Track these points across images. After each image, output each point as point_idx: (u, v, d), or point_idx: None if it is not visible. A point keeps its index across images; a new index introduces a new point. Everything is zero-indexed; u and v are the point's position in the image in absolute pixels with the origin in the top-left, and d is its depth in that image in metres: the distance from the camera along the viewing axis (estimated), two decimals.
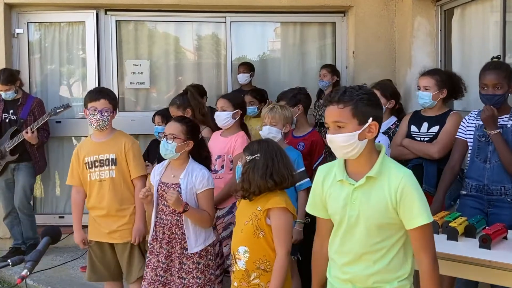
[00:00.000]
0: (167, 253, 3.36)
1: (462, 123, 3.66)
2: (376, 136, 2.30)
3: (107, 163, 3.74)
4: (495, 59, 3.55)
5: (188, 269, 3.33)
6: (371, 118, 2.23)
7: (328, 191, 2.40)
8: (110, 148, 3.75)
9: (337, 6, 6.21)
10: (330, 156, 5.42)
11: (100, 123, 3.68)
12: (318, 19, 6.44)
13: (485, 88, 3.42)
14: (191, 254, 3.34)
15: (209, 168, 3.52)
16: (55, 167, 6.17)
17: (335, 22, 6.39)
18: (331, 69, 5.89)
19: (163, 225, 3.38)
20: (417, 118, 4.07)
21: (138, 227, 3.75)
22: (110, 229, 3.76)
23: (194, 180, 3.35)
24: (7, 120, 5.48)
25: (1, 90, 5.38)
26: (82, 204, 3.85)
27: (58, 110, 5.34)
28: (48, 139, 5.70)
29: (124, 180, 3.77)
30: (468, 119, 3.62)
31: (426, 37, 5.60)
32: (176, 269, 3.35)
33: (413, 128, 4.04)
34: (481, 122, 3.47)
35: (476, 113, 3.58)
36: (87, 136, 6.04)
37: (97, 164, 3.75)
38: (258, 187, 2.94)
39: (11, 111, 5.47)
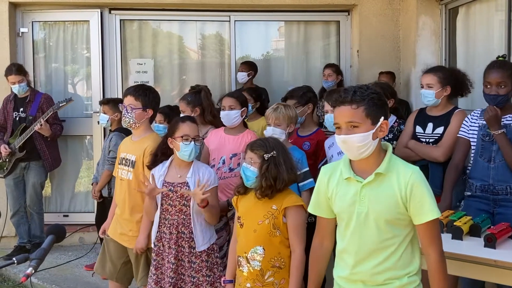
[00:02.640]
0: (175, 253, 3.36)
1: (464, 122, 3.64)
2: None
3: (128, 163, 3.67)
4: (501, 58, 3.54)
5: (197, 267, 3.35)
6: (382, 117, 2.26)
7: (334, 190, 2.40)
8: (135, 150, 3.66)
9: (341, 5, 6.20)
10: None
11: (125, 120, 3.64)
12: (322, 18, 6.43)
13: (488, 87, 3.41)
14: (199, 252, 3.35)
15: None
16: (61, 166, 6.15)
17: (339, 21, 6.38)
18: (336, 68, 5.87)
19: (169, 225, 3.38)
20: (422, 118, 4.04)
21: (138, 238, 3.60)
22: (122, 230, 3.72)
23: (202, 178, 3.35)
24: (17, 119, 5.52)
25: (15, 83, 5.41)
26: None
27: (61, 105, 5.39)
28: (62, 131, 5.69)
29: (138, 185, 3.55)
30: (471, 118, 3.60)
31: (430, 36, 5.58)
32: (186, 268, 3.36)
33: (418, 129, 4.01)
34: (484, 122, 3.45)
35: (479, 112, 3.57)
36: (92, 135, 6.14)
37: (124, 162, 3.71)
38: (284, 182, 2.95)
39: (21, 109, 5.51)
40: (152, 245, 3.47)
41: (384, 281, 2.32)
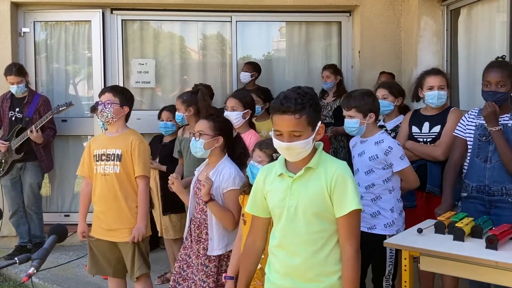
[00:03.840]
0: (196, 252, 3.38)
1: (461, 121, 3.63)
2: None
3: (112, 158, 3.75)
4: (500, 59, 3.55)
5: (210, 272, 3.31)
6: (319, 122, 2.35)
7: (268, 188, 2.47)
8: (118, 144, 3.76)
9: (342, 6, 6.20)
10: (335, 154, 5.43)
11: (104, 114, 3.72)
12: (323, 19, 6.43)
13: (487, 86, 3.41)
14: (214, 257, 3.31)
15: (243, 165, 3.46)
16: (61, 166, 6.19)
17: (340, 21, 6.39)
18: (333, 69, 5.85)
19: (195, 223, 3.41)
20: (418, 118, 4.04)
21: (138, 226, 3.72)
22: (110, 227, 3.76)
23: (221, 179, 3.33)
24: (13, 118, 5.50)
25: (14, 83, 5.40)
26: (90, 196, 3.87)
27: (60, 108, 5.35)
28: (54, 137, 5.71)
29: (128, 177, 3.76)
30: (468, 117, 3.59)
31: (432, 37, 5.58)
32: (198, 270, 3.33)
33: (414, 129, 4.02)
34: (481, 121, 3.44)
35: (476, 111, 3.56)
36: (93, 135, 6.13)
37: (103, 158, 3.77)
38: None
39: (17, 109, 5.49)
40: (184, 239, 3.52)
41: (313, 276, 2.38)
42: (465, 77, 5.29)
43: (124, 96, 3.82)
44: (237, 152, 3.48)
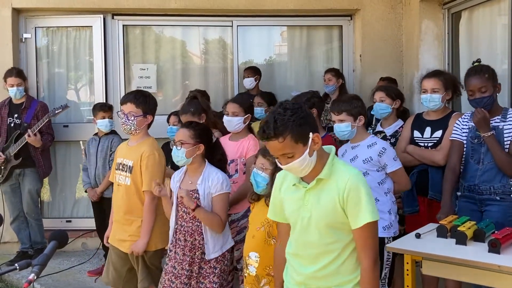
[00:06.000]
0: (190, 260, 3.36)
1: (456, 125, 3.69)
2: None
3: (126, 169, 3.66)
4: (476, 63, 3.60)
5: (205, 273, 3.35)
6: (311, 133, 2.27)
7: (284, 196, 2.46)
8: (132, 155, 3.65)
9: (343, 10, 6.20)
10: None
11: (126, 127, 3.62)
12: (324, 23, 6.43)
13: (471, 94, 3.49)
14: (209, 259, 3.35)
15: (224, 171, 3.51)
16: (63, 171, 6.18)
17: (341, 25, 6.38)
18: (335, 73, 5.85)
19: (184, 232, 3.38)
20: (420, 122, 4.04)
21: (137, 242, 3.59)
22: (121, 237, 3.71)
23: (210, 184, 3.35)
24: (12, 125, 5.49)
25: (13, 85, 5.39)
26: None
27: (56, 111, 5.33)
28: (52, 142, 5.68)
29: (137, 190, 3.61)
30: (462, 121, 3.67)
31: (433, 40, 5.58)
32: (196, 274, 3.35)
33: (416, 134, 4.01)
34: (473, 124, 3.52)
35: (469, 115, 3.64)
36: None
37: (121, 167, 3.71)
38: None
39: (16, 115, 5.48)
40: (168, 251, 3.48)
41: (327, 286, 2.36)
42: None
43: (148, 105, 3.67)
44: (216, 158, 3.50)
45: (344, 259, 2.35)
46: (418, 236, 3.09)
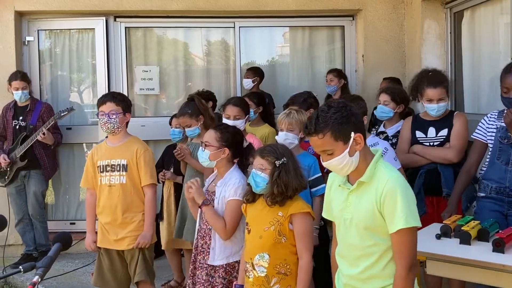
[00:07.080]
0: (199, 263, 3.35)
1: (481, 124, 3.57)
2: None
3: (118, 168, 3.74)
4: None
5: (215, 282, 3.27)
6: (352, 133, 2.26)
7: (332, 196, 2.49)
8: (122, 154, 3.74)
9: (345, 10, 6.20)
10: None
11: (109, 125, 3.69)
12: (326, 23, 6.43)
13: (506, 92, 3.34)
14: (218, 267, 3.27)
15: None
16: (66, 174, 6.20)
17: (344, 26, 6.38)
18: (337, 73, 5.86)
19: (202, 234, 3.38)
20: (420, 123, 4.01)
21: (144, 233, 3.73)
22: (117, 236, 3.76)
23: (226, 188, 3.30)
24: (17, 127, 5.52)
25: (18, 89, 5.43)
26: (95, 206, 3.86)
27: (62, 114, 5.34)
28: (61, 140, 5.72)
29: (134, 187, 3.76)
30: (488, 120, 3.54)
31: (435, 40, 5.57)
32: (203, 281, 3.30)
33: (419, 134, 3.98)
34: (502, 124, 3.38)
35: (496, 114, 3.51)
36: (97, 143, 6.14)
37: (108, 168, 3.75)
38: (294, 189, 2.95)
39: (21, 117, 5.52)
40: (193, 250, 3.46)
41: None
42: (469, 79, 5.27)
43: (126, 104, 3.80)
44: (245, 164, 3.44)
45: (385, 264, 2.31)
46: (438, 237, 3.05)
